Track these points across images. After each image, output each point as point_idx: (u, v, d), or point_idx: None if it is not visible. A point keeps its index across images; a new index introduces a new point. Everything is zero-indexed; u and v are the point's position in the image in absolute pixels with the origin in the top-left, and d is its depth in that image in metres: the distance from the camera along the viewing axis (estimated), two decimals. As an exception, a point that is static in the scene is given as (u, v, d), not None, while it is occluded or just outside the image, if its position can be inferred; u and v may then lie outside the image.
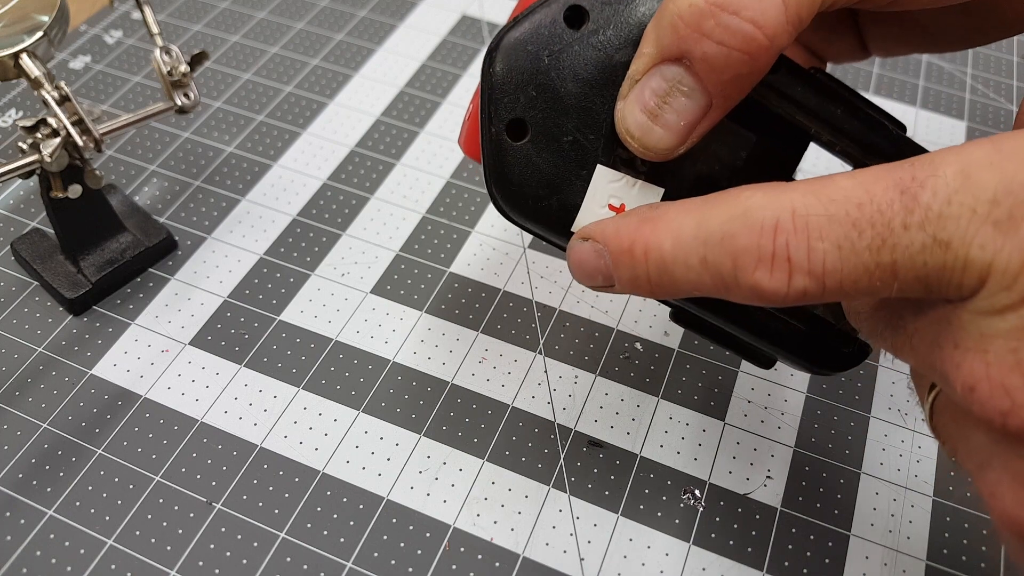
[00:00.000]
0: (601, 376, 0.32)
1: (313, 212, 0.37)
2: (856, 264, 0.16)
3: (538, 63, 0.20)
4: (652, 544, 0.28)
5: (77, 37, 0.45)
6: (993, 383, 0.15)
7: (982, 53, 0.48)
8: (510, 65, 0.20)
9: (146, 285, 0.34)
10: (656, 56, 0.19)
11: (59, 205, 0.32)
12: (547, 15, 0.20)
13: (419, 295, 0.34)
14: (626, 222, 0.19)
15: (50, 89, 0.28)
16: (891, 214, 0.16)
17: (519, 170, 0.20)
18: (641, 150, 0.20)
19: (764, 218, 0.17)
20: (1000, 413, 0.15)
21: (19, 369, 0.31)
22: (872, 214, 0.16)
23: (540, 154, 0.20)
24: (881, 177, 0.16)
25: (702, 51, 0.18)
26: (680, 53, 0.18)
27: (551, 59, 0.20)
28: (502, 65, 0.20)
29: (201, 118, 0.41)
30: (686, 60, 0.18)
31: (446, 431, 0.30)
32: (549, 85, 0.20)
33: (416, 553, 0.28)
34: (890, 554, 0.28)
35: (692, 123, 0.19)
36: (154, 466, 0.29)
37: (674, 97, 0.19)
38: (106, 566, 0.27)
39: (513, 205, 0.21)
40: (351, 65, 0.44)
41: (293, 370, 0.32)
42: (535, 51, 0.20)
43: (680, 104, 0.19)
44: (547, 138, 0.20)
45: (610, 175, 0.20)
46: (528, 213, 0.20)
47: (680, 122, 0.19)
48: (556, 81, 0.20)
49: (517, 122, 0.20)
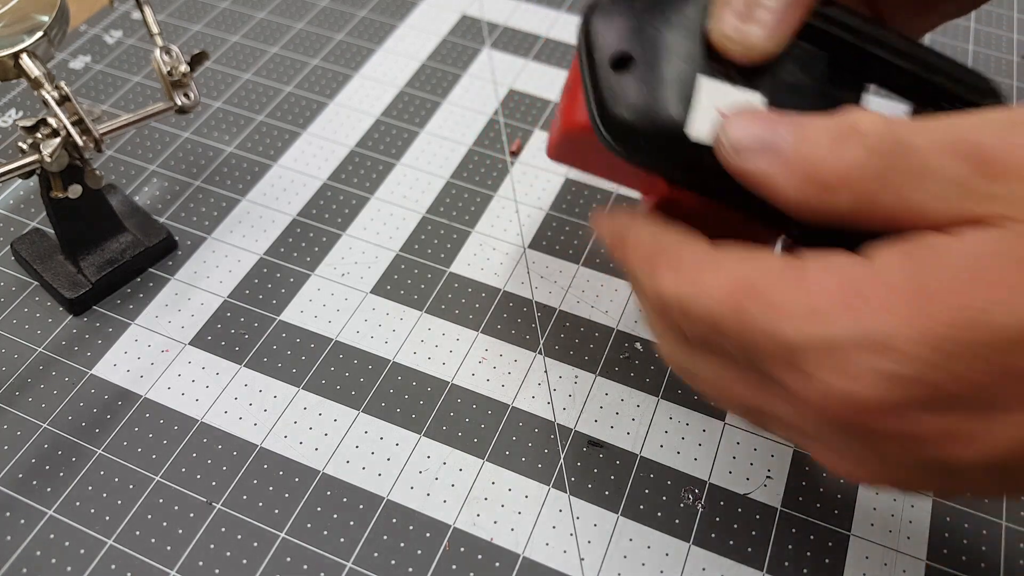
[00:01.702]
0: (601, 376, 0.32)
1: (313, 212, 0.37)
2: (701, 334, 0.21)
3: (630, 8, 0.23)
4: (652, 544, 0.28)
5: (77, 37, 0.45)
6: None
7: (982, 53, 0.48)
8: (606, 15, 0.23)
9: (146, 285, 0.34)
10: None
11: (59, 205, 0.32)
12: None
13: (419, 295, 0.34)
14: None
15: (50, 89, 0.28)
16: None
17: (629, 101, 0.22)
18: (740, 51, 0.22)
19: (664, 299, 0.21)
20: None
21: (19, 369, 0.31)
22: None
23: (646, 79, 0.22)
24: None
25: None
26: None
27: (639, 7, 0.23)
28: (600, 17, 0.23)
29: (201, 118, 0.41)
30: None
31: (446, 431, 0.30)
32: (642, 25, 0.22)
33: (416, 553, 0.28)
34: (890, 554, 0.28)
35: (779, 19, 0.21)
36: (154, 466, 0.29)
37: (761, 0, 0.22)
38: (106, 566, 0.27)
39: (620, 137, 0.22)
40: (351, 65, 0.44)
41: (293, 370, 0.32)
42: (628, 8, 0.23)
43: (766, 3, 0.21)
44: (649, 65, 0.22)
45: (712, 85, 0.22)
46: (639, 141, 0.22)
47: (769, 18, 0.21)
48: (648, 21, 0.22)
49: (621, 55, 0.22)
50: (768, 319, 0.19)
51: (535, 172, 0.39)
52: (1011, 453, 0.18)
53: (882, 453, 0.19)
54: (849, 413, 0.18)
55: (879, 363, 0.17)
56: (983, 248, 0.17)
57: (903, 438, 0.18)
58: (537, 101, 0.43)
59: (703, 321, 0.20)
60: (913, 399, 0.18)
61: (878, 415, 0.18)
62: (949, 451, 0.18)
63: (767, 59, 0.22)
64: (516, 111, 0.42)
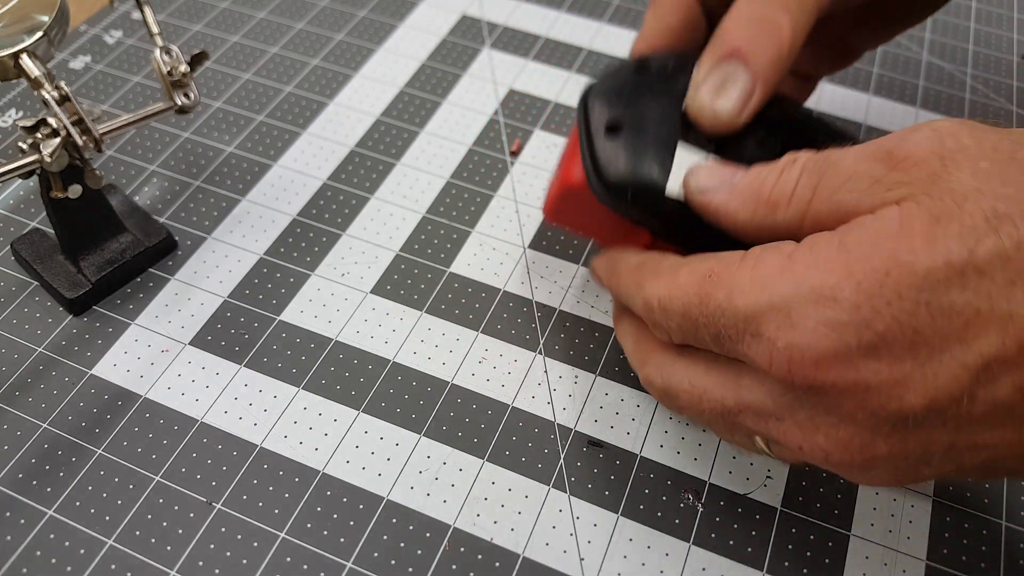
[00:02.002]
0: (601, 376, 0.32)
1: (313, 212, 0.37)
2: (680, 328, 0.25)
3: (622, 89, 0.27)
4: (652, 544, 0.28)
5: (77, 37, 0.45)
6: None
7: (982, 53, 0.48)
8: (602, 92, 0.27)
9: (146, 285, 0.34)
10: (718, 56, 0.27)
11: (59, 205, 0.32)
12: (622, 67, 0.28)
13: (419, 295, 0.34)
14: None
15: (50, 89, 0.28)
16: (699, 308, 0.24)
17: (619, 160, 0.26)
18: (711, 121, 0.27)
19: (648, 302, 0.26)
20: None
21: (19, 369, 0.31)
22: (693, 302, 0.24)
23: (634, 144, 0.26)
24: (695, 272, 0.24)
25: (750, 48, 0.26)
26: (733, 51, 0.26)
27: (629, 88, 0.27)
28: (596, 93, 0.27)
29: (201, 118, 0.41)
30: (737, 55, 0.26)
31: (446, 431, 0.30)
32: (632, 99, 0.27)
33: (416, 553, 0.28)
34: (890, 554, 0.28)
35: (746, 96, 0.26)
36: (154, 466, 0.29)
37: (732, 80, 0.26)
38: (106, 566, 0.27)
39: (612, 191, 0.26)
40: (351, 65, 0.44)
41: (293, 370, 0.32)
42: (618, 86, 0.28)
43: (737, 83, 0.26)
44: (636, 132, 0.26)
45: (689, 151, 0.26)
46: (626, 193, 0.26)
47: (738, 94, 0.26)
48: (636, 96, 0.27)
49: (613, 123, 0.27)
50: (727, 296, 0.22)
51: (535, 172, 0.39)
52: (950, 396, 0.20)
53: (842, 414, 0.21)
54: (805, 369, 0.21)
55: (823, 313, 0.21)
56: (898, 217, 0.21)
57: (855, 390, 0.21)
58: (537, 101, 0.43)
59: (678, 313, 0.24)
60: (857, 345, 0.20)
61: (830, 365, 0.21)
62: (898, 399, 0.20)
63: (733, 130, 0.26)
64: (516, 111, 0.42)
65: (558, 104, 0.43)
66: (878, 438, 0.21)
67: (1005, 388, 0.20)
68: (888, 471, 0.22)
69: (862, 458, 0.22)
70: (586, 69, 0.45)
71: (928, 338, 0.20)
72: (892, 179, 0.21)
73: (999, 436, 0.20)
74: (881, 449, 0.22)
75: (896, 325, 0.20)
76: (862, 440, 0.22)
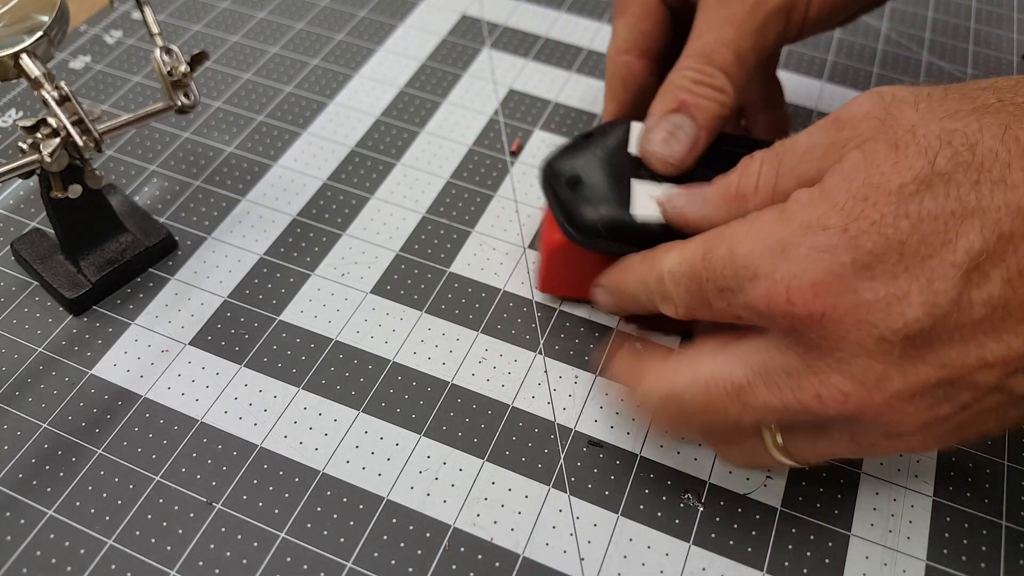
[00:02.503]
0: (601, 376, 0.32)
1: (313, 212, 0.37)
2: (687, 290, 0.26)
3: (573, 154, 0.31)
4: (652, 544, 0.28)
5: (77, 37, 0.45)
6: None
7: (982, 53, 0.48)
8: (558, 160, 0.31)
9: (146, 285, 0.34)
10: (667, 108, 0.30)
11: (59, 205, 0.32)
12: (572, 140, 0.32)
13: (419, 295, 0.34)
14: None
15: (50, 89, 0.28)
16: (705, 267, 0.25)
17: (586, 205, 0.30)
18: (663, 164, 0.30)
19: (659, 274, 0.27)
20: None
21: (19, 369, 0.31)
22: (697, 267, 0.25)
23: (594, 190, 0.30)
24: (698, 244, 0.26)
25: (694, 102, 0.30)
26: (679, 105, 0.30)
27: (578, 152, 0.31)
28: (553, 162, 0.31)
29: (201, 118, 0.41)
30: (684, 108, 0.30)
31: (446, 431, 0.30)
32: (584, 160, 0.31)
33: (416, 553, 0.28)
34: (890, 554, 0.28)
35: (692, 144, 0.30)
36: (154, 466, 0.29)
37: (680, 129, 0.30)
38: (106, 566, 0.27)
39: (586, 231, 0.30)
40: (351, 65, 0.44)
41: (293, 370, 0.32)
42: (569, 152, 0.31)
43: (684, 133, 0.30)
44: (593, 180, 0.30)
45: (643, 183, 0.30)
46: (600, 230, 0.29)
47: (685, 141, 0.30)
48: (586, 157, 0.31)
49: (573, 178, 0.30)
50: (728, 250, 0.24)
51: (535, 172, 0.39)
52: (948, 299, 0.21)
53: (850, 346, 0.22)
54: (804, 296, 0.22)
55: (814, 240, 0.22)
56: (862, 155, 0.23)
57: (858, 312, 0.21)
58: (537, 101, 0.43)
59: (685, 276, 0.26)
60: (851, 264, 0.21)
61: (828, 288, 0.22)
62: (901, 314, 0.21)
63: (681, 171, 0.30)
64: (516, 111, 0.42)
65: (558, 104, 0.43)
66: (891, 367, 0.22)
67: (996, 284, 0.20)
68: (910, 415, 0.22)
69: (881, 396, 0.22)
70: (586, 69, 0.45)
71: (915, 248, 0.21)
72: (844, 137, 0.24)
73: (1005, 345, 0.21)
74: (897, 381, 0.22)
75: (883, 240, 0.21)
76: (876, 372, 0.22)
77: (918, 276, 0.21)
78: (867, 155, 0.23)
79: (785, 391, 0.23)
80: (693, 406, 0.25)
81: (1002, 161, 0.21)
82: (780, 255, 0.23)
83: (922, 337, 0.21)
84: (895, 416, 0.22)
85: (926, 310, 0.21)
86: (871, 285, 0.21)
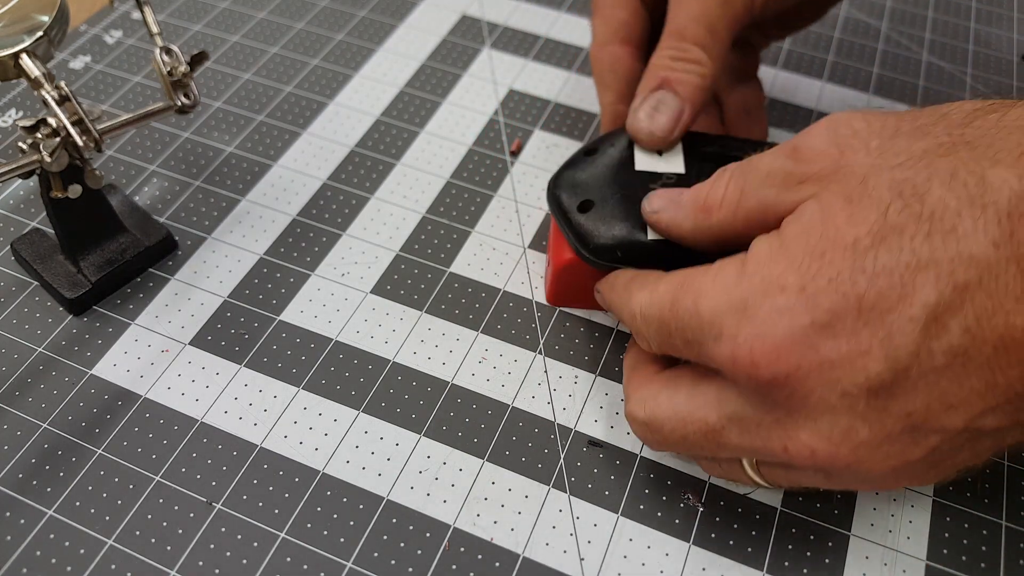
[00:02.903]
0: (601, 376, 0.32)
1: (313, 212, 0.37)
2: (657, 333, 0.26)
3: (579, 172, 0.32)
4: (652, 544, 0.28)
5: (77, 37, 0.45)
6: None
7: (982, 53, 0.48)
8: (565, 180, 0.32)
9: (146, 285, 0.34)
10: (650, 87, 0.32)
11: (59, 205, 0.32)
12: (575, 156, 0.33)
13: (419, 295, 0.34)
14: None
15: (50, 89, 0.28)
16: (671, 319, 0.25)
17: (599, 230, 0.30)
18: (649, 137, 0.31)
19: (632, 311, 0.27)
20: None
21: (19, 369, 0.31)
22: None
23: (606, 214, 0.30)
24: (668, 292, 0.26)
25: (675, 77, 0.31)
26: (661, 82, 0.31)
27: (585, 170, 0.32)
28: (560, 183, 0.32)
29: (201, 118, 0.41)
30: (666, 84, 0.31)
31: (446, 431, 0.30)
32: (591, 179, 0.31)
33: (416, 553, 0.28)
34: (890, 554, 0.28)
35: (676, 116, 0.31)
36: (154, 466, 0.29)
37: (664, 104, 0.31)
38: (106, 566, 0.27)
39: (601, 255, 0.30)
40: (351, 65, 0.44)
41: (293, 370, 0.32)
42: (575, 171, 0.32)
43: (667, 107, 0.31)
44: (604, 203, 0.30)
45: None
46: (615, 253, 0.30)
47: (669, 115, 0.31)
48: (594, 176, 0.31)
49: (584, 202, 0.31)
50: (693, 302, 0.24)
51: (535, 172, 0.39)
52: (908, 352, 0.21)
53: (816, 403, 0.22)
54: (767, 358, 0.22)
55: (773, 302, 0.22)
56: (819, 207, 0.23)
57: (821, 370, 0.21)
58: (537, 101, 0.43)
59: (655, 319, 0.26)
60: (811, 324, 0.22)
61: (790, 350, 0.22)
62: (863, 369, 0.21)
63: (669, 145, 0.31)
64: (516, 111, 0.42)
65: (558, 104, 0.43)
66: (856, 421, 0.22)
67: (955, 333, 0.20)
68: (880, 461, 0.22)
69: (848, 449, 0.22)
70: (586, 69, 0.45)
71: (873, 302, 0.21)
72: (800, 171, 0.24)
73: (968, 389, 0.21)
74: (863, 433, 0.22)
75: (841, 298, 0.21)
76: (841, 427, 0.22)
77: (877, 331, 0.21)
78: (823, 208, 0.23)
79: (756, 440, 0.24)
80: (672, 439, 0.26)
81: (952, 210, 0.21)
82: (742, 315, 0.23)
83: (885, 390, 0.21)
84: (864, 464, 0.22)
85: (888, 364, 0.21)
86: (833, 343, 0.21)
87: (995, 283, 0.20)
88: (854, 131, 0.24)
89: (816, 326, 0.21)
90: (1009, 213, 0.20)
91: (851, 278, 0.21)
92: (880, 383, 0.21)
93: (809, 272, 0.22)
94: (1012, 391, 0.21)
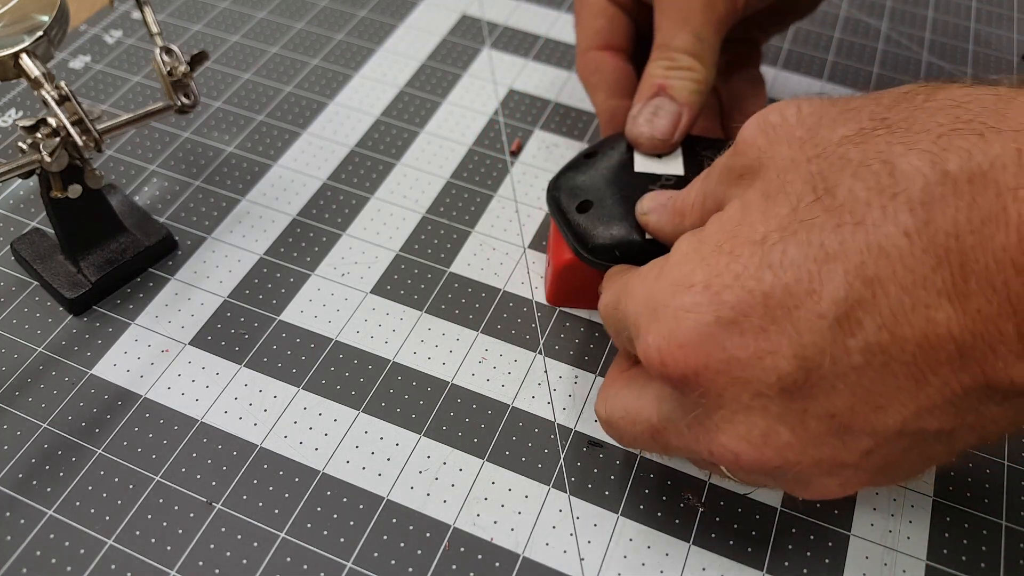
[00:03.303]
0: (601, 376, 0.32)
1: (313, 212, 0.37)
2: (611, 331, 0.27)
3: (578, 174, 0.32)
4: (652, 544, 0.28)
5: (77, 37, 0.45)
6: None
7: (982, 53, 0.48)
8: (564, 182, 0.32)
9: (146, 285, 0.34)
10: (647, 95, 0.32)
11: (59, 205, 0.32)
12: (575, 159, 0.33)
13: (419, 295, 0.34)
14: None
15: (50, 89, 0.28)
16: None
17: (597, 230, 0.30)
18: (650, 142, 0.32)
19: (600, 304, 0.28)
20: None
21: (19, 369, 0.31)
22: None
23: (604, 214, 0.30)
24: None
25: (670, 83, 0.32)
26: (657, 89, 0.32)
27: (583, 172, 0.32)
28: (560, 184, 0.32)
29: (201, 118, 0.41)
30: (663, 91, 0.32)
31: (446, 431, 0.30)
32: (589, 181, 0.32)
33: (416, 553, 0.28)
34: (890, 554, 0.28)
35: (675, 120, 0.32)
36: (154, 466, 0.29)
37: (662, 109, 0.32)
38: (106, 566, 0.27)
39: (601, 255, 0.30)
40: (351, 65, 0.44)
41: (293, 370, 0.32)
42: (574, 173, 0.32)
43: (666, 112, 0.32)
44: (602, 204, 0.31)
45: None
46: (613, 253, 0.30)
47: (668, 119, 0.32)
48: (592, 178, 0.32)
49: (583, 203, 0.31)
50: (625, 303, 0.24)
51: (535, 172, 0.39)
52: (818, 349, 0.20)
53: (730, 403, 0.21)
54: (674, 356, 0.22)
55: (680, 299, 0.22)
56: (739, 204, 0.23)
57: (730, 370, 0.21)
58: (537, 101, 0.43)
59: (606, 318, 0.27)
60: (716, 321, 0.21)
61: (696, 347, 0.21)
62: (773, 368, 0.20)
63: (665, 149, 0.32)
64: (516, 111, 0.42)
65: (558, 104, 0.43)
66: (774, 422, 0.21)
67: (871, 330, 0.19)
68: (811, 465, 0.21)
69: (772, 451, 0.21)
70: (586, 69, 0.45)
71: (780, 299, 0.20)
72: (738, 165, 0.24)
73: (895, 388, 0.20)
74: (784, 435, 0.21)
75: (746, 294, 0.21)
76: (760, 428, 0.21)
77: (786, 328, 0.20)
78: (744, 204, 0.22)
79: (689, 441, 0.23)
80: (627, 438, 0.26)
81: (861, 200, 0.20)
82: (652, 315, 0.22)
83: (799, 390, 0.20)
84: (796, 468, 0.21)
85: (798, 363, 0.20)
86: (740, 340, 0.21)
87: (910, 276, 0.19)
88: (783, 120, 0.23)
89: (721, 323, 0.21)
90: (923, 202, 0.19)
91: (756, 274, 0.21)
92: (792, 382, 0.20)
93: (716, 268, 0.21)
94: (949, 391, 0.19)
